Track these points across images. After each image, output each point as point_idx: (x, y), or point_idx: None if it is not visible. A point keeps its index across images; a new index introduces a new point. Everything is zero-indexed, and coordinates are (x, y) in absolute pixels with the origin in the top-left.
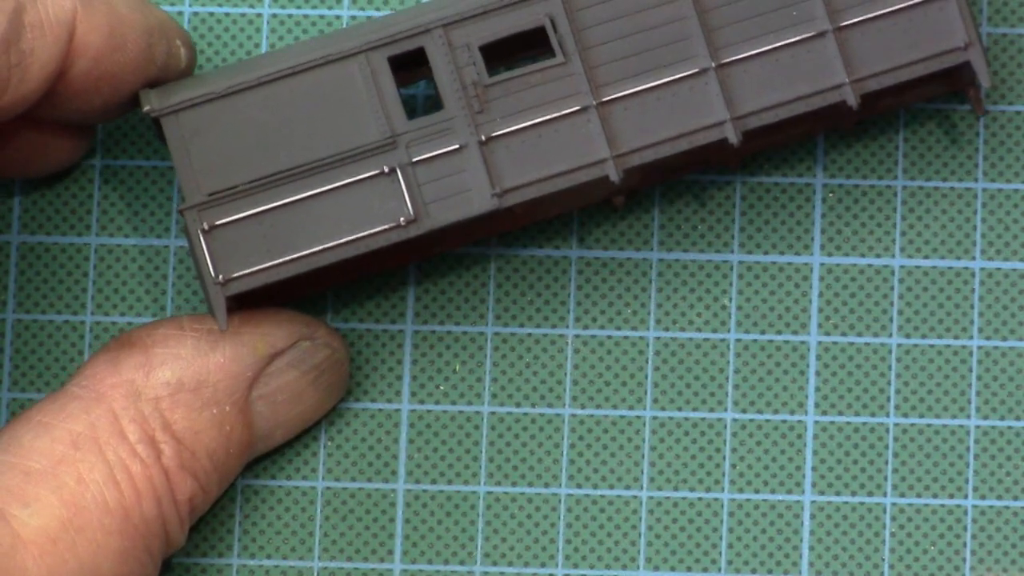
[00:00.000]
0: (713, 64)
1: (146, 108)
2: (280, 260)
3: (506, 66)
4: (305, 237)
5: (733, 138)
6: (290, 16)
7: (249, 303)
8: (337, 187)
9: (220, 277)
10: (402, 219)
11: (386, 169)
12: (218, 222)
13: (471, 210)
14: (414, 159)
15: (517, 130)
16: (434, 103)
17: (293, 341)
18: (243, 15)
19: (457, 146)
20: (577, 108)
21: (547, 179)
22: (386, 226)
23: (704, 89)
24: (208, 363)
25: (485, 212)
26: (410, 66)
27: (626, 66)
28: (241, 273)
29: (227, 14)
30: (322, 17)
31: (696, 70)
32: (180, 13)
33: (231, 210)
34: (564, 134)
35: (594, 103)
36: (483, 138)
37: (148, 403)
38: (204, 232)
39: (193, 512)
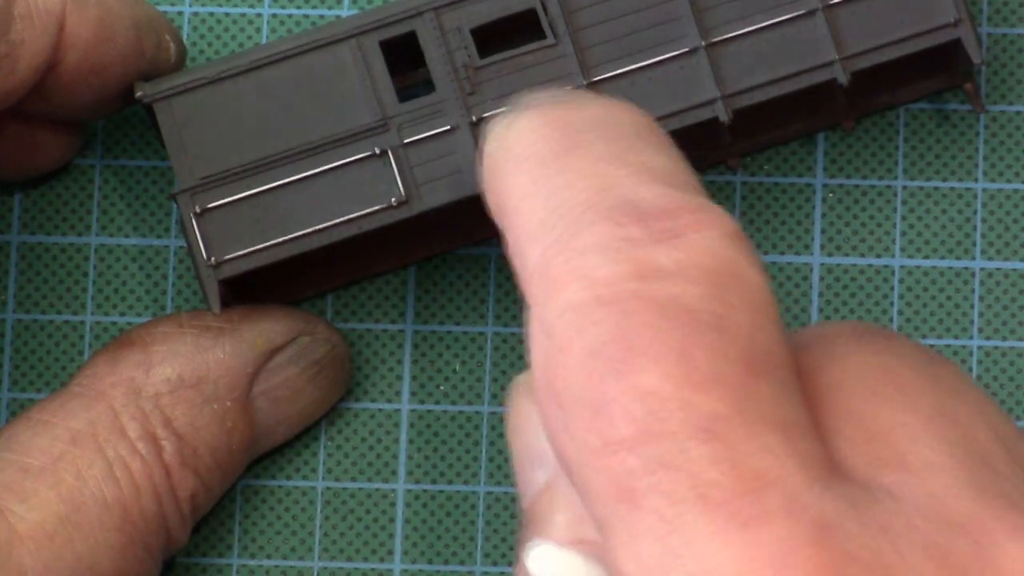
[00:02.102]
0: (703, 43)
1: (138, 94)
2: (272, 242)
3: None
4: (297, 219)
5: (724, 117)
6: (290, 16)
7: (247, 299)
8: (329, 169)
9: (212, 259)
10: (393, 200)
11: (377, 151)
12: (210, 205)
13: (462, 191)
14: (405, 141)
15: None
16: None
17: (292, 337)
18: (243, 15)
19: (448, 127)
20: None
21: None
22: (378, 207)
23: (694, 68)
24: (208, 359)
25: (477, 193)
26: (407, 66)
27: (617, 47)
28: (233, 255)
29: (227, 14)
30: (322, 17)
31: (686, 49)
32: (180, 13)
33: (223, 193)
34: None
35: (584, 84)
36: (474, 119)
37: (148, 400)
38: (196, 215)
39: (196, 510)
